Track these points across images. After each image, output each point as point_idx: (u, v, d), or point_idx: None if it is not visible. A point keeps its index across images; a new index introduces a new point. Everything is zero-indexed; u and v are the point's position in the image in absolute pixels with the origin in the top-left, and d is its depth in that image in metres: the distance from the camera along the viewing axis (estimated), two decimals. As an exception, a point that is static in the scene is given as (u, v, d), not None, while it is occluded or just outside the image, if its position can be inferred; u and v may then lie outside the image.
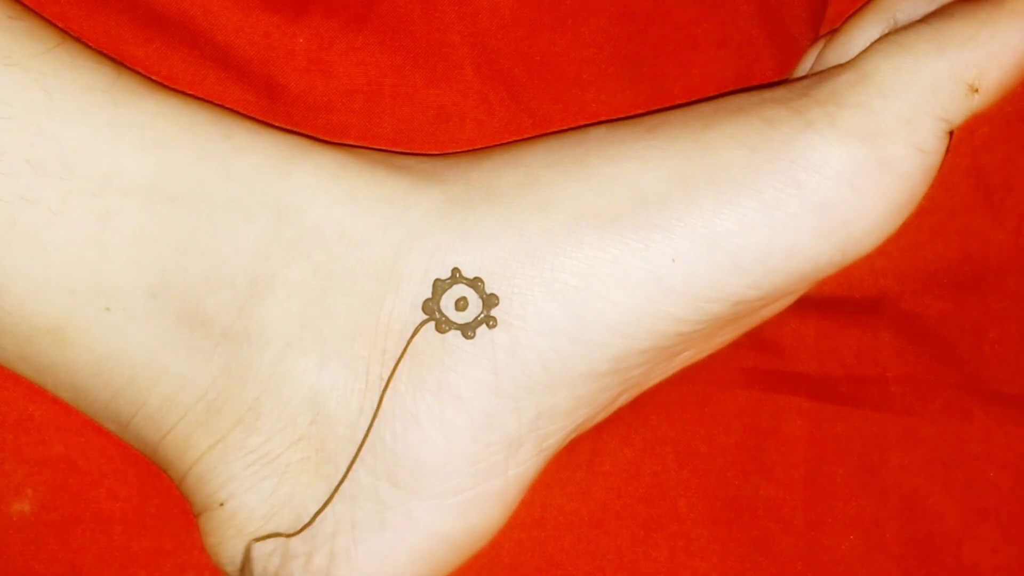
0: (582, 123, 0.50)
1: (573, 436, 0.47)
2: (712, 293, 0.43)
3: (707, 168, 0.43)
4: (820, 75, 0.44)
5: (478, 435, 0.44)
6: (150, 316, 0.43)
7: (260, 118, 0.48)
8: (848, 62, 0.44)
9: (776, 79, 0.51)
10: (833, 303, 0.52)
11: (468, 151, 0.48)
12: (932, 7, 0.45)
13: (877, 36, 0.45)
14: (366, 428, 0.44)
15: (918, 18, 0.45)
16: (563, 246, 0.43)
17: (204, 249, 0.43)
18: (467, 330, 0.44)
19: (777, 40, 0.51)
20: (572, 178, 0.44)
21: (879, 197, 0.42)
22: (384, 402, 0.44)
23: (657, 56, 0.51)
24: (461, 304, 0.43)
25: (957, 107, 0.42)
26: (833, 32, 0.47)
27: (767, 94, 0.44)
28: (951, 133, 0.43)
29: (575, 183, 0.44)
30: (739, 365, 0.51)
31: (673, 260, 0.43)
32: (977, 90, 0.42)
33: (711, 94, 0.51)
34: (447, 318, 0.44)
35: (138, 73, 0.46)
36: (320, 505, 0.45)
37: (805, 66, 0.48)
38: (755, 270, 0.43)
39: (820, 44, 0.48)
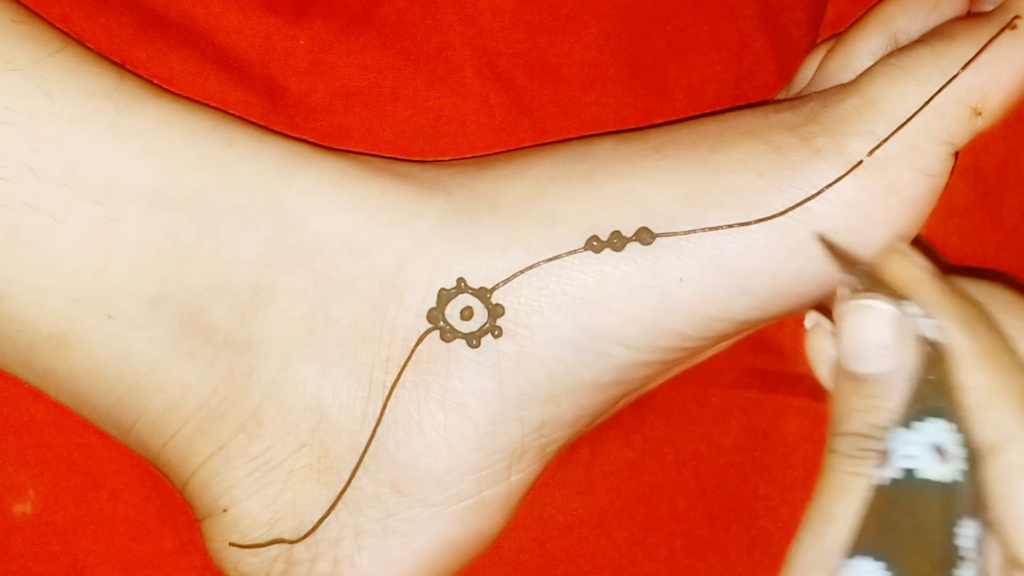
0: (583, 126, 0.50)
1: (574, 439, 0.47)
2: (718, 313, 0.43)
3: (716, 192, 0.43)
4: (825, 97, 0.44)
5: (482, 443, 0.44)
6: (152, 323, 0.43)
7: (260, 120, 0.47)
8: (852, 83, 0.44)
9: (776, 81, 0.51)
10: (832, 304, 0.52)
11: (471, 158, 0.48)
12: (932, 17, 0.45)
13: (879, 48, 0.45)
14: (369, 436, 0.44)
15: (918, 31, 0.45)
16: (570, 259, 0.43)
17: (206, 257, 0.43)
18: (472, 339, 0.44)
19: (777, 42, 0.51)
20: (579, 193, 0.44)
21: (886, 222, 0.42)
22: (388, 410, 0.44)
23: (658, 59, 0.51)
24: (466, 313, 0.43)
25: (961, 130, 0.42)
26: (835, 41, 0.47)
27: (773, 116, 0.44)
28: (956, 154, 0.43)
29: (582, 199, 0.44)
30: (739, 365, 0.51)
31: (680, 279, 0.43)
32: (980, 112, 0.42)
33: (712, 97, 0.51)
34: (452, 327, 0.44)
35: (140, 78, 0.45)
36: (323, 512, 0.45)
37: (806, 74, 0.48)
38: (762, 293, 0.43)
39: (821, 50, 0.48)
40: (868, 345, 0.39)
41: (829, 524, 0.38)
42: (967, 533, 0.37)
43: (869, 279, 0.40)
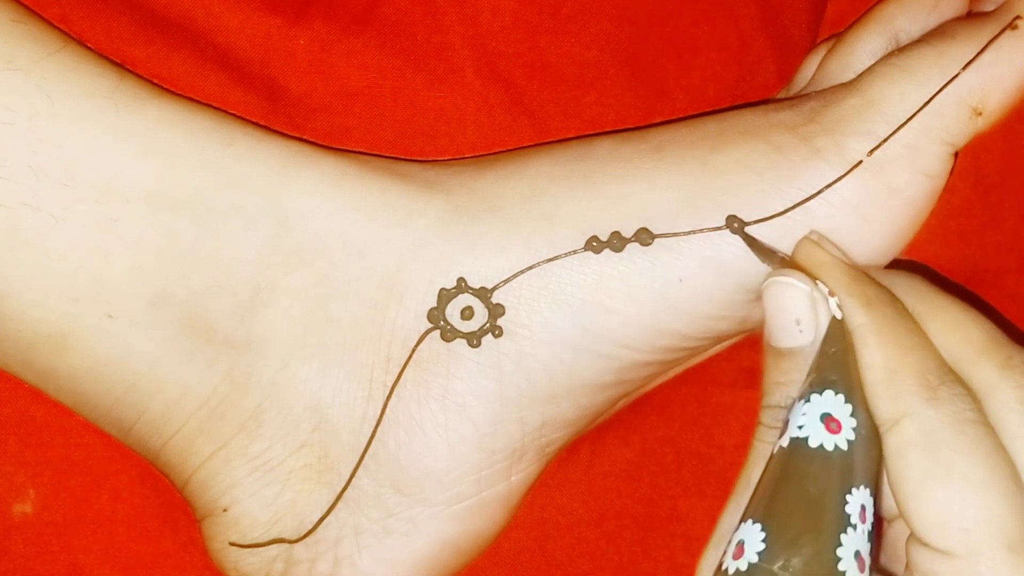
0: (583, 125, 0.50)
1: (574, 439, 0.47)
2: (718, 312, 0.43)
3: (715, 192, 0.43)
4: (825, 96, 0.44)
5: (482, 443, 0.44)
6: (152, 323, 0.43)
7: (261, 120, 0.47)
8: (852, 83, 0.44)
9: (776, 81, 0.51)
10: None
11: (471, 158, 0.48)
12: (933, 17, 0.45)
13: (879, 48, 0.45)
14: (369, 436, 0.44)
15: (919, 31, 0.45)
16: (570, 260, 0.43)
17: (206, 256, 0.43)
18: (473, 339, 0.44)
19: (777, 42, 0.51)
20: (579, 194, 0.44)
21: (885, 223, 0.43)
22: (388, 410, 0.44)
23: (658, 58, 0.51)
24: (467, 313, 0.43)
25: (961, 131, 0.42)
26: (835, 41, 0.47)
27: (773, 116, 0.44)
28: (955, 154, 0.43)
29: (582, 199, 0.44)
30: (739, 365, 0.51)
31: (680, 280, 0.43)
32: (981, 112, 0.42)
33: (712, 96, 0.51)
34: (452, 327, 0.44)
35: (140, 78, 0.45)
36: (323, 512, 0.45)
37: (806, 73, 0.48)
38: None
39: (822, 50, 0.48)
40: (785, 320, 0.41)
41: (747, 492, 0.41)
42: (858, 501, 0.38)
43: (784, 266, 0.42)
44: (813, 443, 0.39)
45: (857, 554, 0.38)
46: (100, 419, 0.45)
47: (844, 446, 0.39)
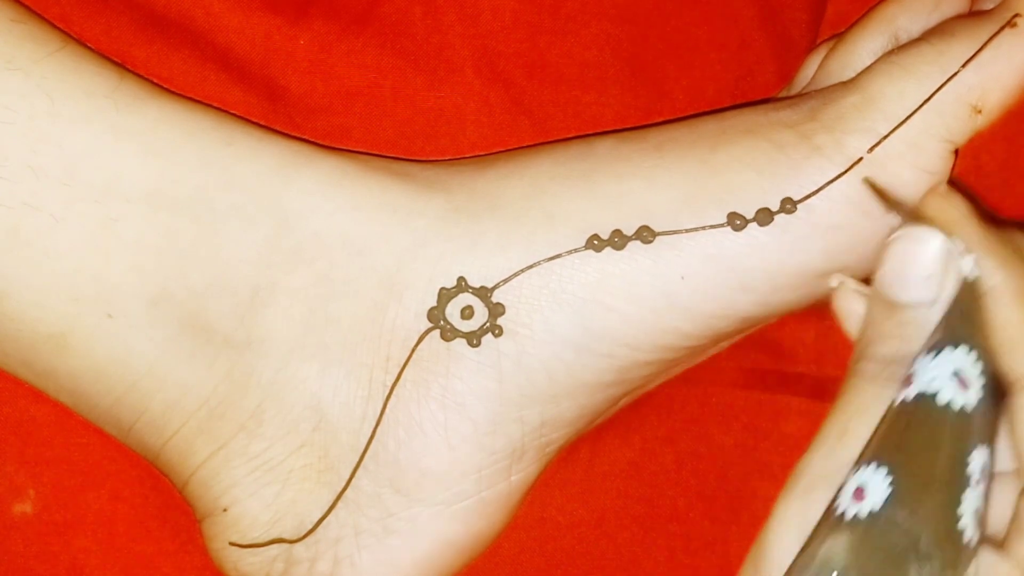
0: (583, 125, 0.50)
1: (574, 439, 0.47)
2: (719, 310, 0.43)
3: (716, 190, 0.43)
4: (825, 95, 0.44)
5: (482, 443, 0.44)
6: (152, 323, 0.43)
7: (261, 120, 0.47)
8: (852, 81, 0.44)
9: (776, 81, 0.51)
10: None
11: (471, 158, 0.48)
12: (934, 16, 0.45)
13: (880, 47, 0.45)
14: (369, 435, 0.44)
15: (920, 29, 0.45)
16: (571, 258, 0.43)
17: (206, 256, 0.43)
18: (472, 338, 0.44)
19: (777, 42, 0.51)
20: (579, 193, 0.44)
21: (886, 219, 0.43)
22: (388, 409, 0.44)
23: (658, 59, 0.51)
24: (467, 312, 0.43)
25: (961, 128, 0.42)
26: (836, 41, 0.47)
27: (773, 114, 0.44)
28: (955, 152, 0.43)
29: (582, 198, 0.44)
30: (739, 365, 0.51)
31: (682, 278, 0.43)
32: (980, 110, 0.42)
33: (712, 96, 0.51)
34: (452, 326, 0.44)
35: (141, 77, 0.45)
36: (323, 512, 0.45)
37: (807, 73, 0.48)
38: (763, 290, 0.43)
39: (822, 50, 0.48)
40: (914, 273, 0.40)
41: (842, 441, 0.40)
42: (978, 461, 0.38)
43: (912, 218, 0.41)
44: (942, 399, 0.38)
45: (975, 512, 0.38)
46: (100, 419, 0.45)
47: (971, 405, 0.38)
